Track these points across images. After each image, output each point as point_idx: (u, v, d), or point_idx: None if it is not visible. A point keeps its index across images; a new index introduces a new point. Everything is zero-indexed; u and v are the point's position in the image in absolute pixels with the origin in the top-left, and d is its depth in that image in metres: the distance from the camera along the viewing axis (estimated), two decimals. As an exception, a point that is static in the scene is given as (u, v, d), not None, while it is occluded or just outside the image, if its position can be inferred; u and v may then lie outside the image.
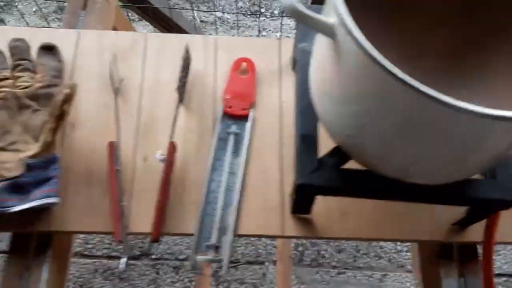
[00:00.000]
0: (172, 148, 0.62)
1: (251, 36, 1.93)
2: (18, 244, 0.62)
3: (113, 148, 0.61)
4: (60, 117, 0.57)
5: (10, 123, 0.61)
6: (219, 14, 2.00)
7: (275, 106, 0.68)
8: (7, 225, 0.60)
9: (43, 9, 1.93)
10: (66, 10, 0.74)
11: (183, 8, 1.97)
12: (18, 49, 0.65)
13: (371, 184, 0.52)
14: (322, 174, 0.52)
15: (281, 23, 1.92)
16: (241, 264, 1.34)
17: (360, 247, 1.40)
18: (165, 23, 1.20)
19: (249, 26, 1.98)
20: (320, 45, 0.47)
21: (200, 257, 0.59)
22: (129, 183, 0.63)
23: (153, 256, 1.35)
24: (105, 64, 0.69)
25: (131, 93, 0.68)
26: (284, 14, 2.02)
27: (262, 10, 2.06)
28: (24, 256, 0.61)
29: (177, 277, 1.33)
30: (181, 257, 1.34)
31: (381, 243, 1.41)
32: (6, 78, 0.64)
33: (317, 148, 0.54)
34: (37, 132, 0.61)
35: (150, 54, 0.71)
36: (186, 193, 0.63)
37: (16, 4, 1.93)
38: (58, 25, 1.90)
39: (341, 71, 0.42)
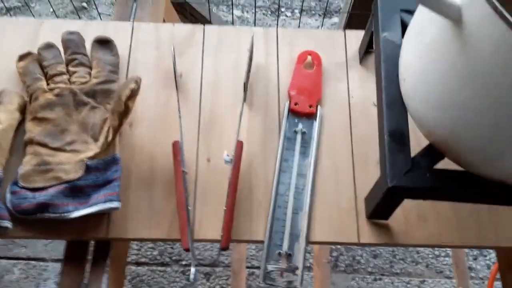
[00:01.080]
0: (240, 148, 0.57)
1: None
2: (74, 251, 0.57)
3: (177, 149, 0.57)
4: (123, 114, 0.53)
5: (67, 121, 0.57)
6: (238, 13, 1.97)
7: (343, 101, 0.64)
8: (63, 232, 0.55)
9: (60, 9, 1.91)
10: (117, 1, 0.69)
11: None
12: (73, 42, 0.61)
13: (471, 187, 0.48)
14: (416, 176, 0.48)
15: (299, 21, 1.88)
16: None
17: (396, 252, 1.35)
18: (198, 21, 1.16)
19: (270, 25, 1.95)
20: (427, 32, 0.43)
21: (272, 266, 0.55)
22: (193, 185, 0.58)
23: (184, 262, 1.30)
24: (162, 58, 0.65)
25: (190, 88, 0.63)
26: (304, 13, 1.99)
27: (282, 9, 2.02)
28: (81, 265, 0.56)
29: (208, 284, 1.28)
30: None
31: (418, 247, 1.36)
32: (61, 73, 0.59)
33: (409, 146, 0.49)
34: (96, 131, 0.57)
35: (208, 47, 0.66)
36: (253, 196, 0.58)
37: (34, 5, 1.90)
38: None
39: (465, 56, 0.37)
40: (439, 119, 0.45)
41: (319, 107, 0.63)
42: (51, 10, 1.88)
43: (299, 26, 1.88)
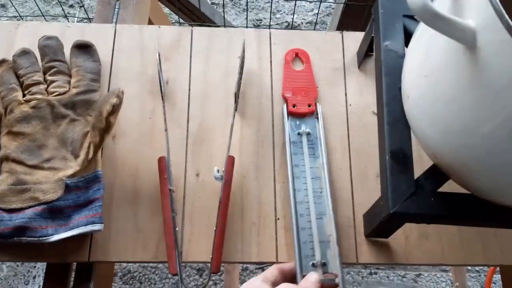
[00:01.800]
0: (231, 164, 0.54)
1: (264, 18, 1.84)
2: (55, 272, 0.54)
3: (164, 165, 0.53)
4: (105, 130, 0.49)
5: (45, 135, 0.53)
6: (230, -7, 1.90)
7: (341, 109, 0.60)
8: (42, 256, 0.52)
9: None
10: (98, 1, 0.64)
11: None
12: (50, 49, 0.56)
13: (477, 212, 0.44)
14: (420, 200, 0.45)
15: (295, 4, 1.82)
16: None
17: (392, 245, 1.33)
18: (188, 10, 1.11)
19: (262, 8, 1.89)
20: (434, 51, 0.39)
21: None
22: (181, 203, 0.55)
23: (176, 258, 1.28)
24: (146, 64, 0.60)
25: (177, 96, 0.59)
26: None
27: (276, -11, 1.95)
28: (62, 287, 0.53)
29: (201, 280, 1.26)
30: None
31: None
32: (38, 83, 0.55)
33: (412, 167, 0.46)
34: (76, 147, 0.53)
35: (197, 51, 0.62)
36: (245, 214, 0.55)
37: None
38: (62, 9, 1.81)
39: (479, 83, 0.33)
40: (445, 142, 0.41)
41: (318, 104, 0.59)
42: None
43: (294, 8, 1.82)
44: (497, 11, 0.29)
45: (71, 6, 1.83)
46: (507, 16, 0.29)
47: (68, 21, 1.75)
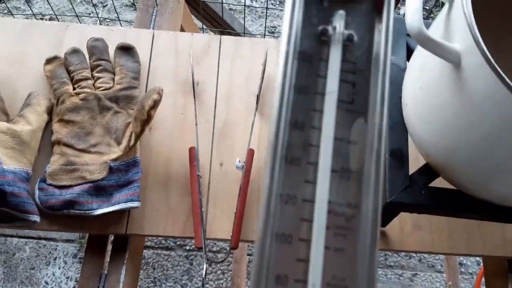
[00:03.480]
0: (251, 155, 0.62)
1: (279, 25, 1.93)
2: (95, 244, 0.62)
3: (194, 154, 0.61)
4: (145, 122, 0.57)
5: (92, 124, 0.61)
6: (247, 2, 1.99)
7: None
8: (86, 227, 0.60)
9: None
10: (138, 8, 0.73)
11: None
12: (97, 49, 0.65)
13: (462, 205, 0.52)
14: (413, 192, 0.53)
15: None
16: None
17: (391, 246, 1.41)
18: (211, 18, 1.19)
19: (278, 16, 1.97)
20: (429, 67, 0.47)
21: None
22: (206, 188, 0.63)
23: (187, 247, 1.36)
24: (180, 66, 0.69)
25: (206, 96, 0.68)
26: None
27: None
28: (101, 257, 0.61)
29: (210, 268, 1.34)
30: (215, 249, 1.36)
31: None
32: (87, 79, 0.63)
33: (408, 164, 0.54)
34: (119, 135, 0.61)
35: (224, 57, 0.70)
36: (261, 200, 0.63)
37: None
38: (86, 8, 1.90)
39: (461, 96, 0.41)
40: (435, 145, 0.49)
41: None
42: None
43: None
44: (475, 39, 0.37)
45: (95, 5, 1.92)
46: (483, 44, 0.37)
47: (98, 18, 1.84)
